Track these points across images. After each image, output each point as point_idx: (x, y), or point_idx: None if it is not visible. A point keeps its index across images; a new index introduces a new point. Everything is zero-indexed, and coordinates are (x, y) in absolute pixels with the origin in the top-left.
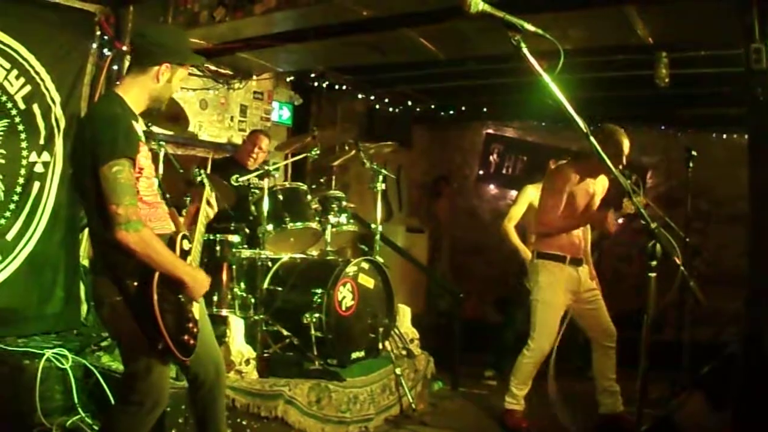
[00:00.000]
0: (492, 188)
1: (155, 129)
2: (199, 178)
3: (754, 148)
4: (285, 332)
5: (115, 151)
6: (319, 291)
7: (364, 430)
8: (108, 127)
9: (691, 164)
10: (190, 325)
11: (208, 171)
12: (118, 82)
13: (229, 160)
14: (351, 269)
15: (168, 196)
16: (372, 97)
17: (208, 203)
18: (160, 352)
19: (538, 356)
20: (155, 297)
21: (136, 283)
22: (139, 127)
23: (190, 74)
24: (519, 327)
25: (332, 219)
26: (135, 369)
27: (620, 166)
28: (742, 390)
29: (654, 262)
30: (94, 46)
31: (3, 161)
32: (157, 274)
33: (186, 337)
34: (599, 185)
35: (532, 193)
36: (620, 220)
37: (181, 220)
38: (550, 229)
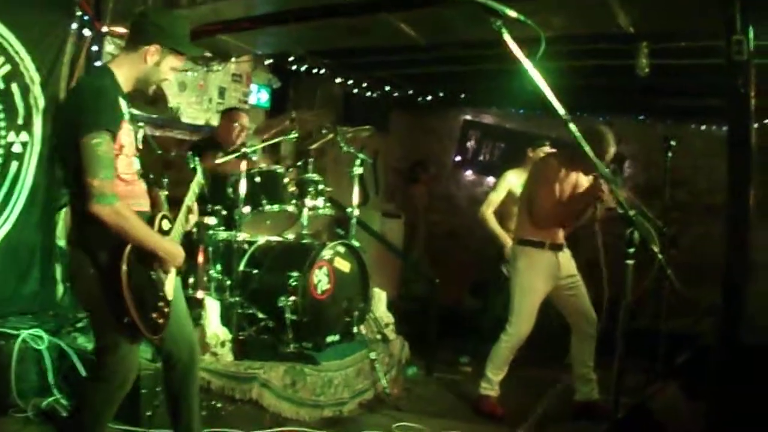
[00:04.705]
0: (469, 174)
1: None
2: (192, 165)
3: (733, 140)
4: (260, 315)
5: (97, 122)
6: (294, 274)
7: (338, 413)
8: (93, 99)
9: (669, 153)
10: (161, 304)
11: (189, 152)
12: (98, 63)
13: (209, 140)
14: (327, 253)
15: (151, 176)
16: (350, 82)
17: (190, 210)
18: (126, 328)
19: (515, 341)
20: (124, 270)
21: (107, 256)
22: (125, 104)
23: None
24: (495, 313)
25: (309, 202)
26: (104, 344)
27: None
28: (717, 380)
29: (632, 250)
30: (74, 26)
31: None
32: (128, 249)
33: (155, 315)
34: (583, 177)
35: (512, 180)
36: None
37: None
38: (545, 219)
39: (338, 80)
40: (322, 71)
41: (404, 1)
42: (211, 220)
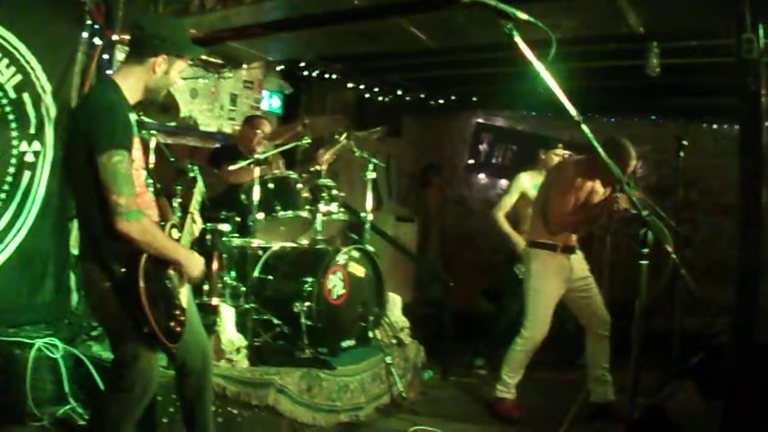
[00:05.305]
0: (482, 177)
1: (146, 119)
2: (192, 174)
3: (745, 138)
4: (276, 321)
5: (114, 140)
6: (309, 280)
7: (354, 418)
8: (107, 116)
9: (681, 153)
10: (177, 312)
11: (211, 159)
12: (109, 71)
13: (230, 148)
14: (341, 258)
15: (159, 185)
16: (362, 86)
17: (193, 219)
18: (146, 338)
19: (530, 344)
20: (141, 282)
21: (123, 269)
22: (133, 117)
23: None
24: (509, 315)
25: (322, 207)
26: (123, 356)
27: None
28: (733, 379)
29: (646, 250)
30: (85, 35)
31: None
32: (143, 260)
33: (173, 324)
34: (599, 185)
35: (524, 182)
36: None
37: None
38: (559, 226)
39: (350, 85)
40: (334, 76)
41: (415, 5)
42: (225, 227)
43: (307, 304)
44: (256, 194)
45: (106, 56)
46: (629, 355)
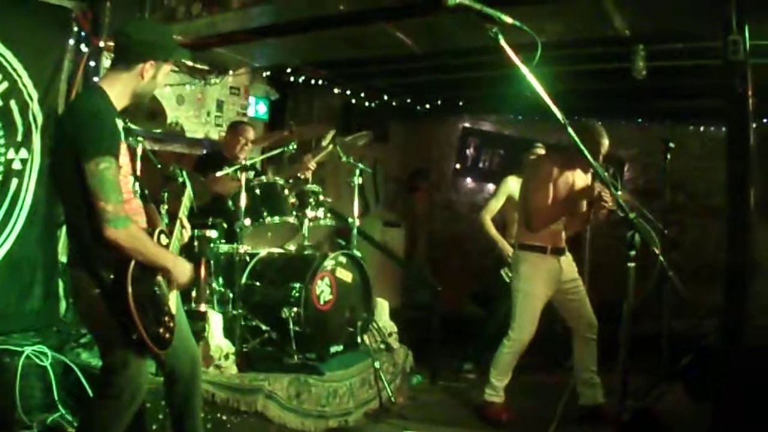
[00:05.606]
0: (469, 182)
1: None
2: (180, 179)
3: (732, 141)
4: (264, 327)
5: (101, 147)
6: (296, 285)
7: (343, 424)
8: (94, 122)
9: (668, 156)
10: (166, 318)
11: (196, 167)
12: (96, 78)
13: (216, 155)
14: (328, 263)
15: (147, 192)
16: (348, 92)
17: (182, 224)
18: (135, 345)
19: (517, 347)
20: (130, 288)
21: (111, 276)
22: (120, 123)
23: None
24: (498, 319)
25: (309, 213)
26: (112, 362)
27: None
28: (721, 381)
29: (633, 252)
30: (71, 42)
31: None
32: (131, 266)
33: (161, 330)
34: (578, 177)
35: (512, 185)
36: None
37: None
38: (543, 220)
39: (336, 91)
40: (320, 82)
41: (400, 10)
42: (212, 233)
43: (294, 309)
44: (243, 200)
45: (92, 63)
46: (617, 357)
